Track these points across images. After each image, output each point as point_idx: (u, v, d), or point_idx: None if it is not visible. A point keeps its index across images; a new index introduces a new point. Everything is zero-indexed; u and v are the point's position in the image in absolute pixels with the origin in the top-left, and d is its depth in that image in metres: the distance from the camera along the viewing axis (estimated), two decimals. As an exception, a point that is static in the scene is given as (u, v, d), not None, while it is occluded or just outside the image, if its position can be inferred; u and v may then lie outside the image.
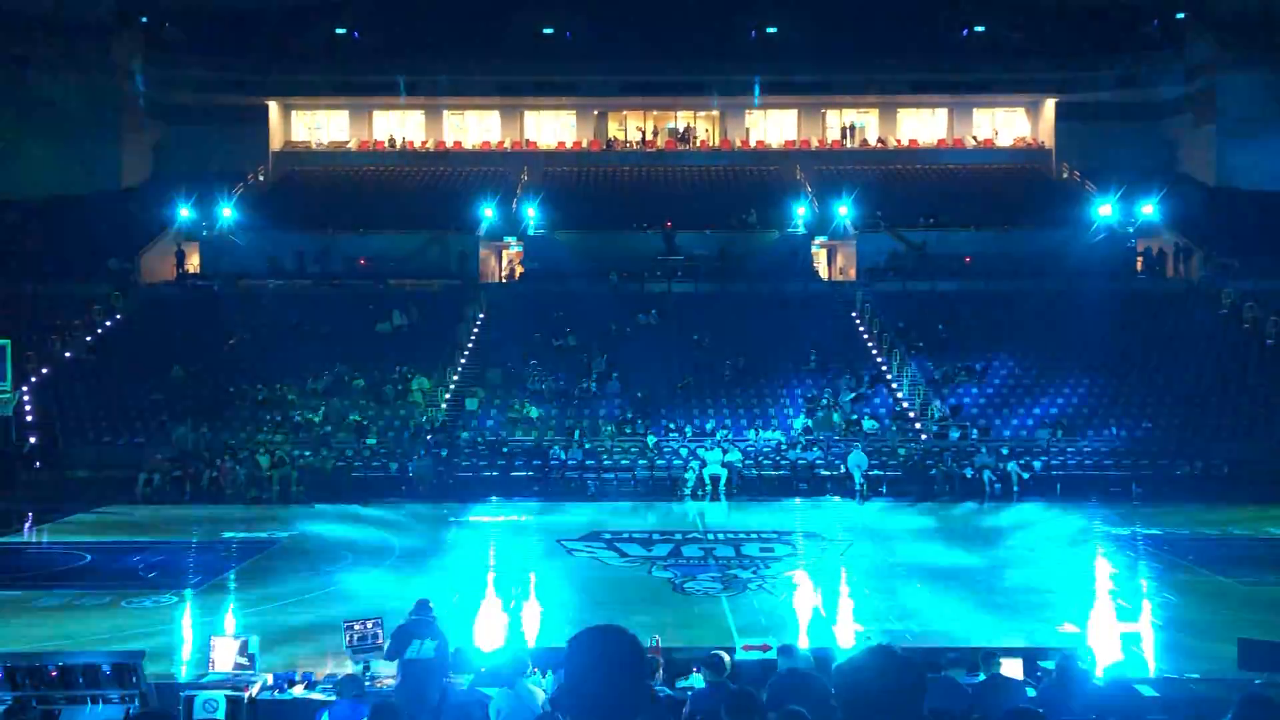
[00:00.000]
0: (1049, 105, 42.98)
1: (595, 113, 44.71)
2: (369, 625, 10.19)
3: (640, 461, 25.92)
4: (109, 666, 9.00)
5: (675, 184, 41.31)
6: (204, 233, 36.57)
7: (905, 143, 44.20)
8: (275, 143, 43.62)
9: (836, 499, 24.54)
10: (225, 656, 9.75)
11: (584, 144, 44.19)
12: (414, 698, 8.66)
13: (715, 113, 44.99)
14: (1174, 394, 28.36)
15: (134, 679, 8.99)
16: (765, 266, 35.15)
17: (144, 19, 41.22)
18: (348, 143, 44.60)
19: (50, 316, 31.37)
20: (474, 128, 45.31)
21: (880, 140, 44.25)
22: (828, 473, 25.48)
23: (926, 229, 36.80)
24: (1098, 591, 16.10)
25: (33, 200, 37.36)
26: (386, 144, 44.30)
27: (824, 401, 28.16)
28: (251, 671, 9.63)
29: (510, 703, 8.02)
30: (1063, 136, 42.48)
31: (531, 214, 37.26)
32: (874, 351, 31.37)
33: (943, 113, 44.79)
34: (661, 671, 9.33)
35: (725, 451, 25.47)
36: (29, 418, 27.03)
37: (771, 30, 43.25)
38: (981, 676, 8.84)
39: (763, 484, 25.29)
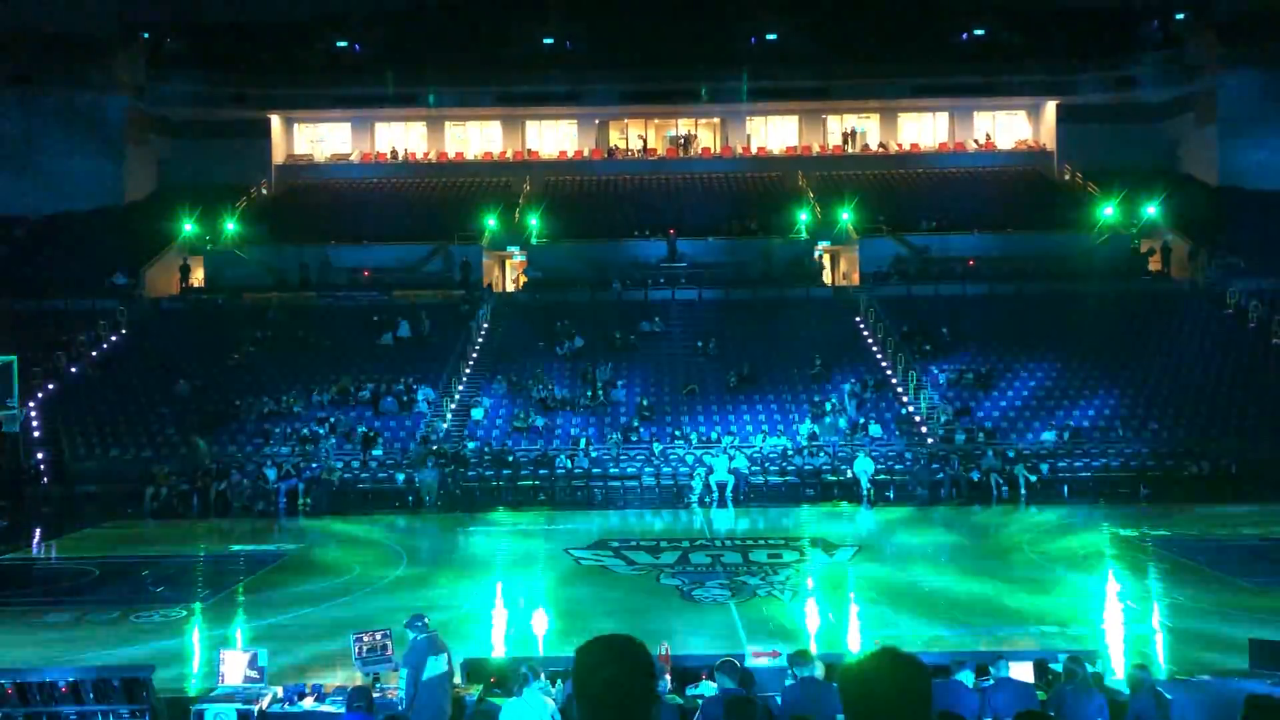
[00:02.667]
0: (1049, 107, 42.98)
1: (596, 122, 44.82)
2: (378, 637, 10.16)
3: (646, 469, 25.91)
4: (119, 681, 9.03)
5: (677, 191, 41.34)
6: (208, 246, 36.66)
7: (906, 147, 44.23)
8: (278, 156, 43.77)
9: (844, 504, 24.53)
10: (235, 670, 9.75)
11: (585, 153, 44.31)
12: (430, 715, 8.62)
13: (716, 120, 45.08)
14: (1180, 395, 28.30)
15: (144, 693, 9.02)
16: (768, 272, 35.21)
17: (145, 34, 41.46)
18: (350, 155, 44.74)
19: (56, 332, 31.46)
20: (476, 138, 45.43)
21: (881, 145, 44.28)
22: (834, 478, 25.45)
23: (929, 233, 36.85)
24: (1107, 594, 16.05)
25: (37, 216, 37.58)
26: (389, 156, 44.44)
27: (828, 407, 28.13)
28: (261, 685, 9.62)
29: (520, 712, 8.02)
30: (1064, 139, 42.47)
31: (534, 223, 37.37)
32: (879, 356, 31.34)
33: (943, 117, 44.83)
34: (670, 679, 9.32)
35: (731, 458, 25.41)
36: (36, 434, 27.12)
37: (771, 37, 43.43)
38: (991, 679, 8.83)
39: (769, 490, 25.29)
